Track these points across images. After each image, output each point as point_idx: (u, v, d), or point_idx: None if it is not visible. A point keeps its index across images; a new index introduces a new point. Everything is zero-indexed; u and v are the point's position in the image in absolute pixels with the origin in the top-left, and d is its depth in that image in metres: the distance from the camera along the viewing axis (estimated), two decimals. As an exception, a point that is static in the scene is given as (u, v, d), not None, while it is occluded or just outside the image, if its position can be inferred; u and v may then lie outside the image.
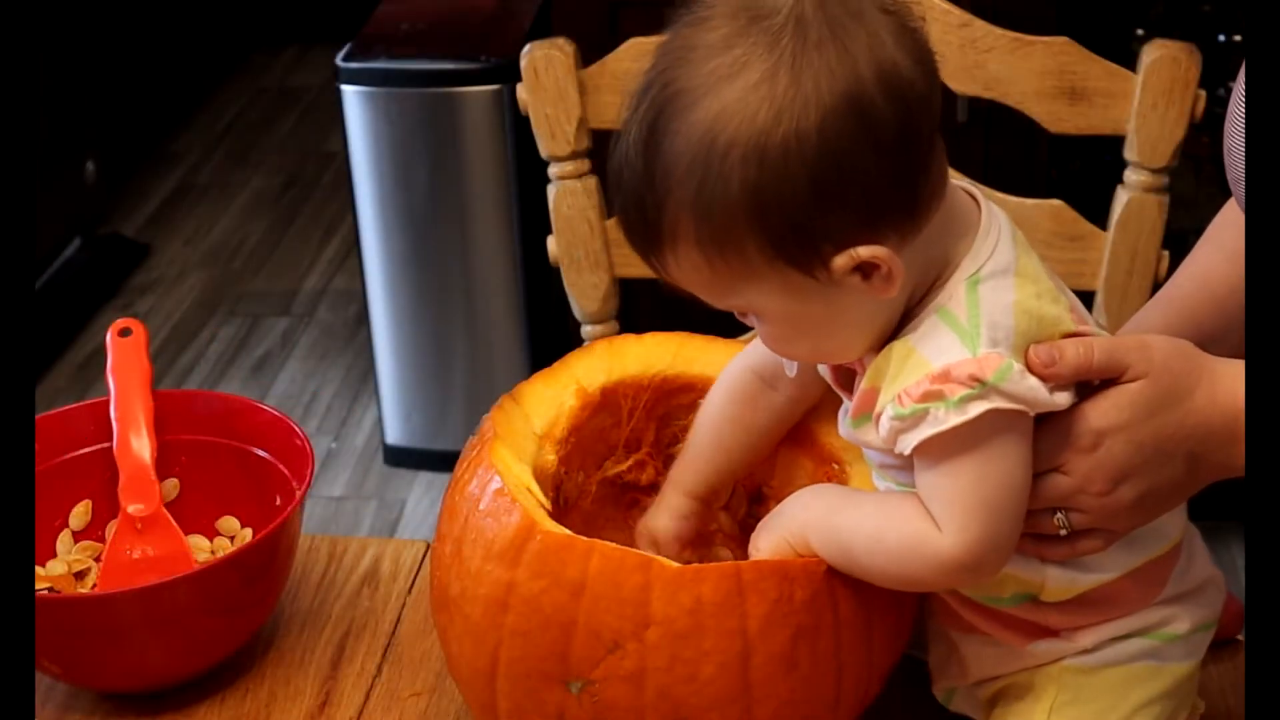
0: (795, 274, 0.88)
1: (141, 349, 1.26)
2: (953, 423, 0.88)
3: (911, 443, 0.89)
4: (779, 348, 0.96)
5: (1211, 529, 1.04)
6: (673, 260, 0.91)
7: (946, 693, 1.05)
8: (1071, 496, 0.92)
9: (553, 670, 0.94)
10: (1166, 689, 0.99)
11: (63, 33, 3.28)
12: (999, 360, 0.88)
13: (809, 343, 0.94)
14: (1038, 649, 0.98)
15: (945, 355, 0.89)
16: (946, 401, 0.88)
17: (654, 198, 0.88)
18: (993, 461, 0.89)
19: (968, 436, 0.88)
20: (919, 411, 0.89)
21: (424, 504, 2.77)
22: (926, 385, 0.89)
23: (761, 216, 0.86)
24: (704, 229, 0.87)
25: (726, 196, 0.86)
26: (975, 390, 0.87)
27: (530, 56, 1.47)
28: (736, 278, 0.89)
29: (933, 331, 0.90)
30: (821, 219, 0.86)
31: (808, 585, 0.94)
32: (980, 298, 0.90)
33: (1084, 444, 0.91)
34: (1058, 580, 0.96)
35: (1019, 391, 0.88)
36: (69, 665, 1.14)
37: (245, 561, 1.13)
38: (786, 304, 0.90)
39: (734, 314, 0.95)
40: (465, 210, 2.65)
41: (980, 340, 0.89)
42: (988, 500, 0.89)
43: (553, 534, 0.95)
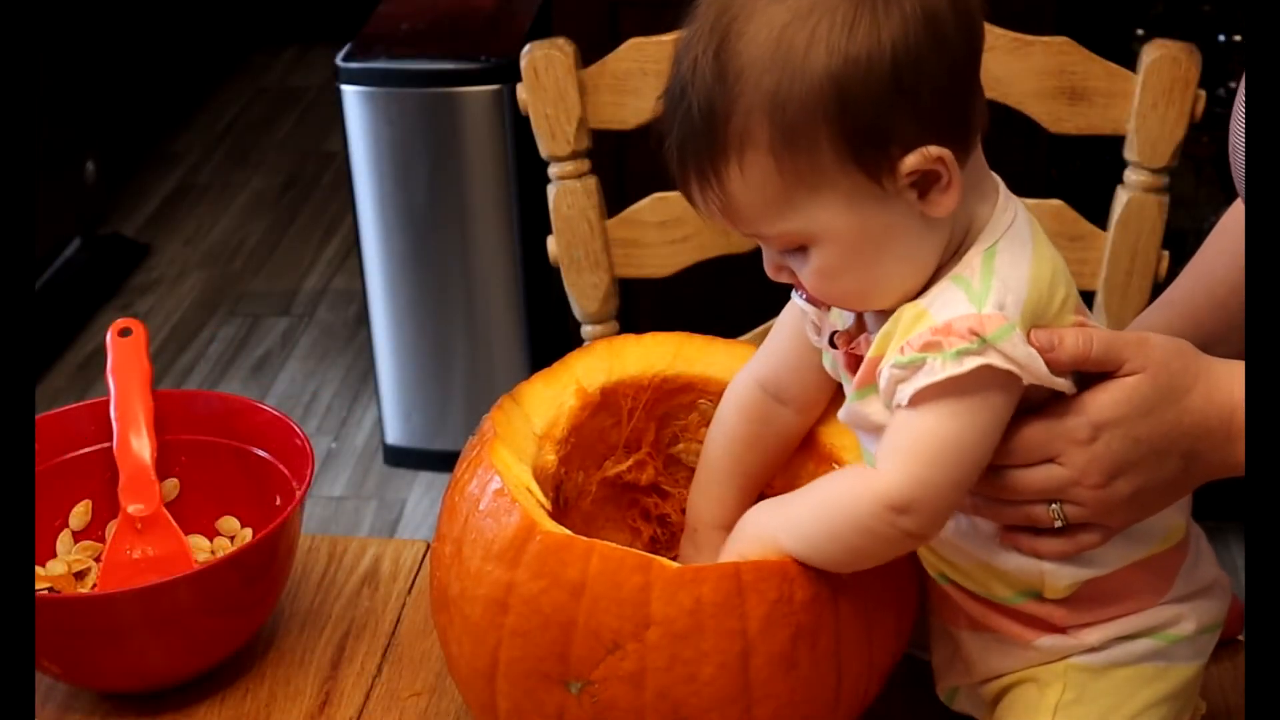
0: (862, 179, 0.89)
1: (141, 349, 1.27)
2: (948, 373, 0.89)
3: (907, 393, 0.90)
4: (824, 283, 0.94)
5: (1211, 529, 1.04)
6: (738, 172, 0.90)
7: (949, 692, 1.05)
8: (1067, 488, 0.92)
9: (552, 670, 0.94)
10: (1172, 690, 0.99)
11: (63, 33, 3.28)
12: (1001, 320, 0.89)
13: (855, 276, 0.92)
14: (1043, 645, 0.98)
15: (951, 311, 0.90)
16: (944, 353, 0.89)
17: (726, 100, 0.88)
18: (962, 416, 0.90)
19: (954, 389, 0.89)
20: (917, 361, 0.90)
21: (424, 504, 2.77)
22: (928, 336, 0.90)
23: (840, 111, 0.87)
24: (779, 128, 0.88)
25: (806, 89, 0.86)
26: (973, 345, 0.88)
27: (530, 56, 1.46)
28: (803, 185, 0.89)
29: (944, 293, 0.92)
30: (896, 118, 0.87)
31: (808, 585, 0.94)
32: (996, 265, 0.91)
33: (1081, 436, 0.91)
34: (1056, 575, 0.96)
35: (1016, 354, 0.89)
36: (69, 665, 1.14)
37: (245, 561, 1.13)
38: (846, 219, 0.90)
39: (769, 270, 0.95)
40: (465, 210, 2.65)
41: (988, 300, 0.90)
42: (935, 448, 0.90)
43: (552, 534, 0.95)
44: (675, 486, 1.14)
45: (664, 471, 1.14)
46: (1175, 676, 0.99)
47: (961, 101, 0.91)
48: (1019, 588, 0.98)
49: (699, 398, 1.12)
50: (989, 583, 0.98)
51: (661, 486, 1.14)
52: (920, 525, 0.91)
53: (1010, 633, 0.99)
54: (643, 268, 1.54)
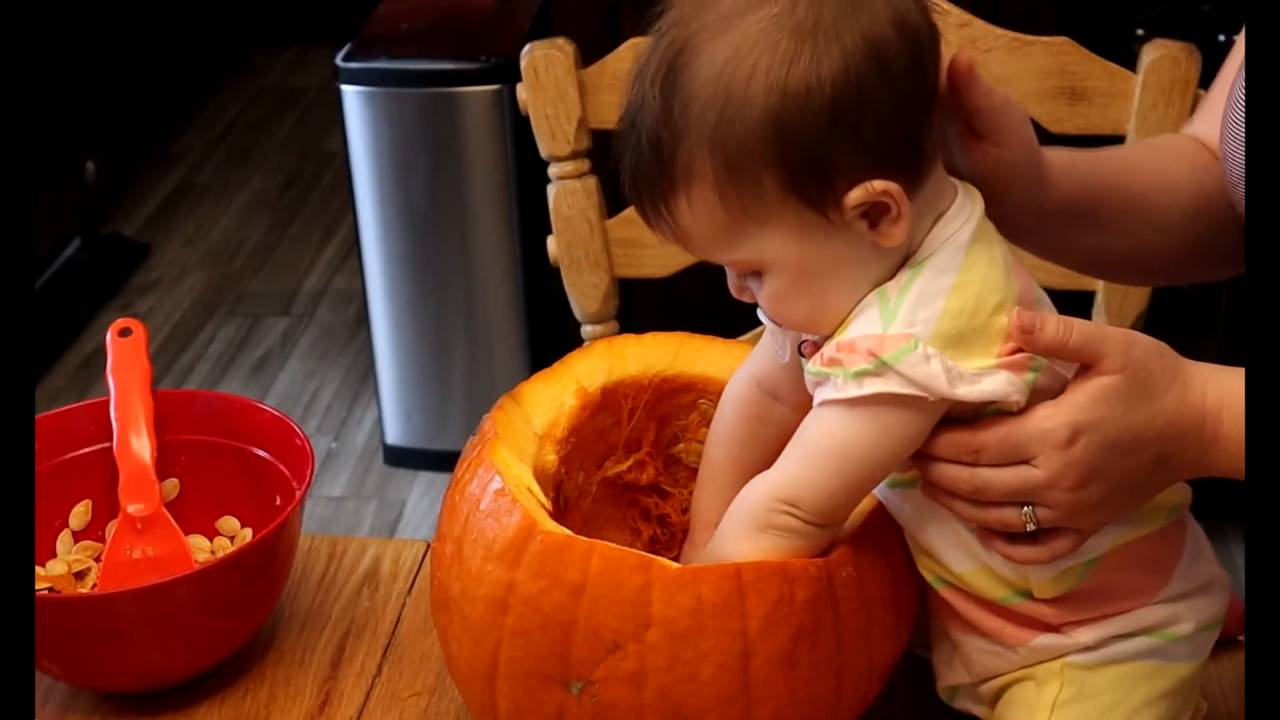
0: (808, 212, 0.89)
1: (141, 349, 1.27)
2: (848, 394, 0.90)
3: (818, 399, 0.92)
4: (778, 308, 0.95)
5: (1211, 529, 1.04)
6: (685, 205, 0.91)
7: (950, 691, 1.05)
8: (1041, 491, 0.91)
9: (553, 670, 0.94)
10: (1171, 688, 0.99)
11: (63, 33, 3.28)
12: (903, 340, 0.89)
13: (807, 303, 0.93)
14: (1038, 645, 0.98)
15: (861, 328, 0.91)
16: (845, 371, 0.90)
17: (671, 134, 0.89)
18: (857, 429, 0.91)
19: (858, 407, 0.90)
20: (823, 374, 0.91)
21: (424, 504, 2.77)
22: (833, 351, 0.91)
23: (780, 147, 0.87)
24: (721, 163, 0.88)
25: (747, 126, 0.87)
26: (871, 366, 0.89)
27: (530, 56, 1.46)
28: (749, 219, 0.90)
29: (866, 308, 0.92)
30: (838, 151, 0.87)
31: (808, 585, 0.94)
32: (916, 281, 0.91)
33: (1058, 439, 0.90)
34: (1039, 572, 0.96)
35: (916, 375, 0.89)
36: (69, 665, 1.14)
37: (245, 561, 1.13)
38: (794, 249, 0.90)
39: (733, 290, 0.96)
40: (465, 210, 2.65)
41: (897, 318, 0.90)
42: (824, 452, 0.92)
43: (553, 534, 0.95)
44: (675, 486, 1.14)
45: (664, 471, 1.14)
46: (1174, 674, 0.99)
47: (910, 132, 0.90)
48: (1011, 587, 0.98)
49: (699, 398, 1.12)
50: (981, 584, 0.98)
51: (661, 486, 1.14)
52: (815, 518, 0.94)
53: (1005, 635, 0.99)
54: (643, 268, 1.54)
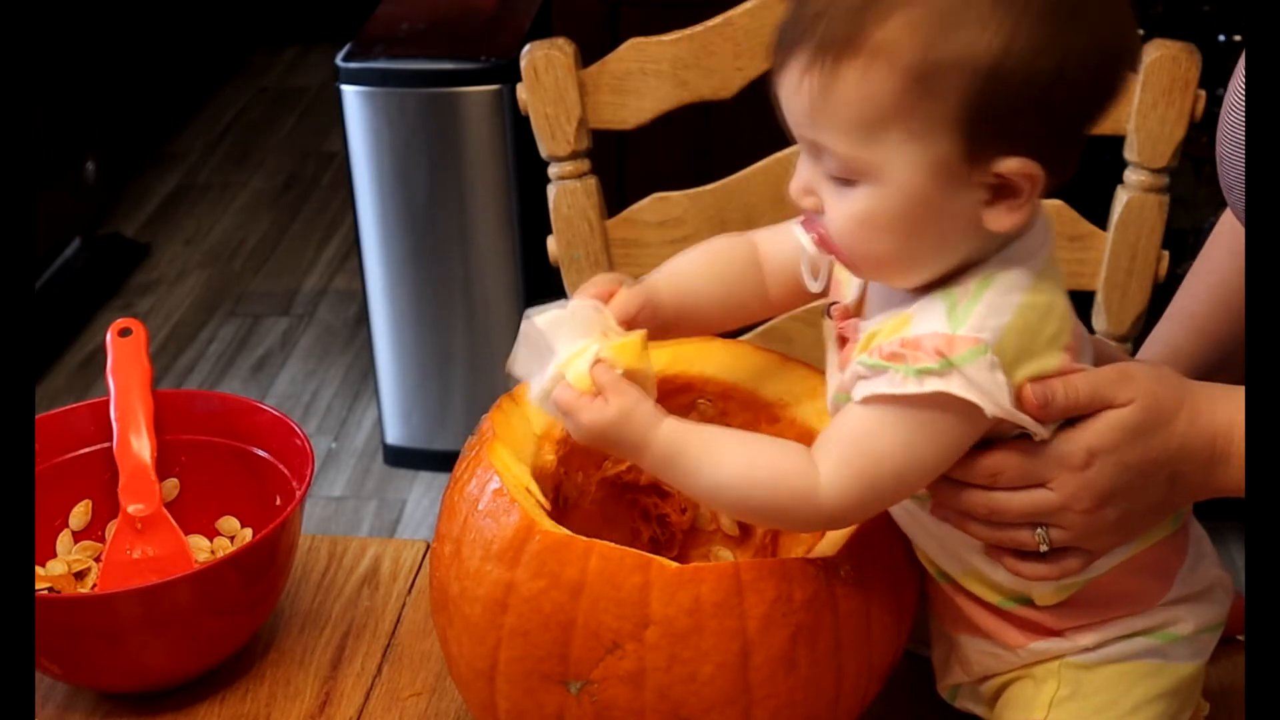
0: (957, 153, 0.86)
1: (141, 349, 1.26)
2: (906, 390, 0.88)
3: (863, 393, 0.89)
4: (854, 231, 0.89)
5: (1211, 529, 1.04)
6: (857, 74, 0.85)
7: (951, 690, 1.05)
8: (1055, 513, 0.92)
9: (552, 670, 0.94)
10: (1170, 687, 0.99)
11: (63, 32, 3.28)
12: (973, 344, 0.88)
13: (891, 238, 0.89)
14: (1037, 648, 0.98)
15: (927, 325, 0.89)
16: (907, 367, 0.88)
17: (891, 5, 0.84)
18: (908, 433, 0.89)
19: (908, 404, 0.88)
20: (881, 367, 0.89)
21: (424, 504, 2.77)
22: (896, 346, 0.89)
23: (983, 85, 0.84)
24: (921, 60, 0.84)
25: (967, 48, 0.83)
26: (936, 366, 0.87)
27: (530, 56, 1.46)
28: (903, 123, 0.85)
29: (930, 305, 0.90)
30: (1026, 119, 0.85)
31: (807, 585, 0.94)
32: (987, 293, 0.90)
33: (1075, 462, 0.91)
34: (1043, 584, 0.96)
35: (981, 381, 0.87)
36: (69, 665, 1.14)
37: (245, 561, 1.13)
38: (918, 177, 0.86)
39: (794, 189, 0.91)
40: (465, 210, 2.65)
41: (967, 322, 0.89)
42: (871, 459, 0.90)
43: (552, 534, 0.95)
44: (675, 487, 1.14)
45: (664, 471, 1.14)
46: (1173, 674, 0.99)
47: (1079, 142, 0.90)
48: (1010, 594, 0.98)
49: (698, 398, 1.12)
50: (981, 587, 0.99)
51: (661, 486, 1.14)
52: (836, 522, 0.94)
53: (1004, 636, 0.99)
54: (642, 267, 1.54)
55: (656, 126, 1.50)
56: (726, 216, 1.51)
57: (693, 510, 1.14)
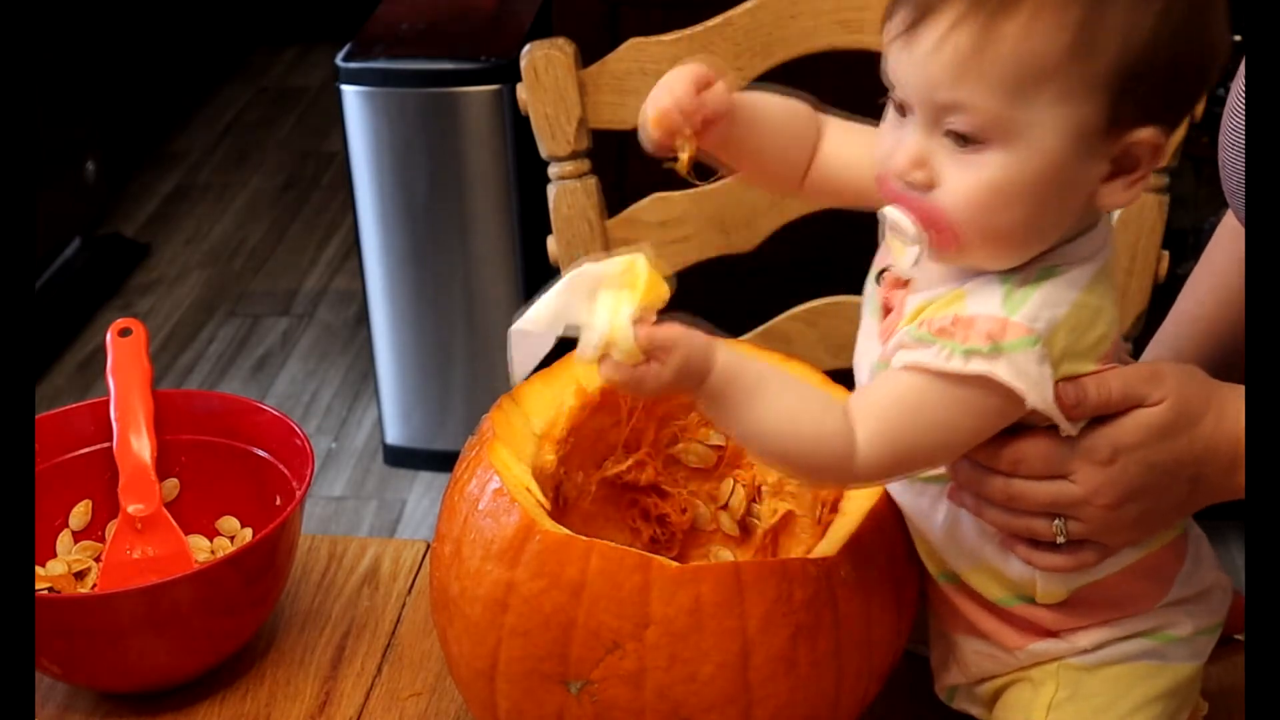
0: (1100, 117, 0.85)
1: (141, 349, 1.27)
2: (949, 367, 0.87)
3: (903, 360, 0.89)
4: (988, 203, 0.87)
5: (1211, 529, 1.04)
6: (1023, 22, 0.83)
7: (949, 691, 1.05)
8: (1076, 506, 0.92)
9: (552, 670, 0.94)
10: (1168, 688, 0.99)
11: (63, 32, 3.28)
12: (1025, 332, 0.87)
13: (1019, 212, 0.87)
14: (1035, 649, 0.98)
15: (982, 306, 0.88)
16: (954, 344, 0.87)
17: None
18: (951, 421, 0.89)
19: (951, 384, 0.88)
20: (928, 340, 0.88)
21: (424, 504, 2.77)
22: (947, 322, 0.88)
23: (1147, 43, 0.83)
24: (1092, 16, 0.83)
25: (1142, 9, 0.83)
26: (986, 349, 0.87)
27: (530, 56, 1.46)
28: (1058, 81, 0.84)
29: (987, 285, 0.89)
30: (1173, 89, 0.86)
31: (807, 585, 0.94)
32: (1045, 283, 0.89)
33: (1101, 457, 0.91)
34: (1049, 581, 0.96)
35: (1027, 370, 0.87)
36: (69, 665, 1.14)
37: (245, 562, 1.13)
38: (1057, 143, 0.85)
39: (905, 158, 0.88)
40: (465, 210, 2.65)
41: (1022, 310, 0.88)
42: (915, 446, 0.89)
43: (552, 534, 0.95)
44: (675, 486, 1.14)
45: (664, 471, 1.14)
46: (1171, 675, 0.99)
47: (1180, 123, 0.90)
48: (1013, 590, 0.98)
49: (699, 398, 1.12)
50: (984, 582, 0.98)
51: (661, 486, 1.14)
52: (860, 483, 0.96)
53: (1002, 637, 0.99)
54: (643, 268, 1.54)
55: (656, 126, 1.50)
56: (726, 216, 1.51)
57: (693, 510, 1.14)
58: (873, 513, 0.99)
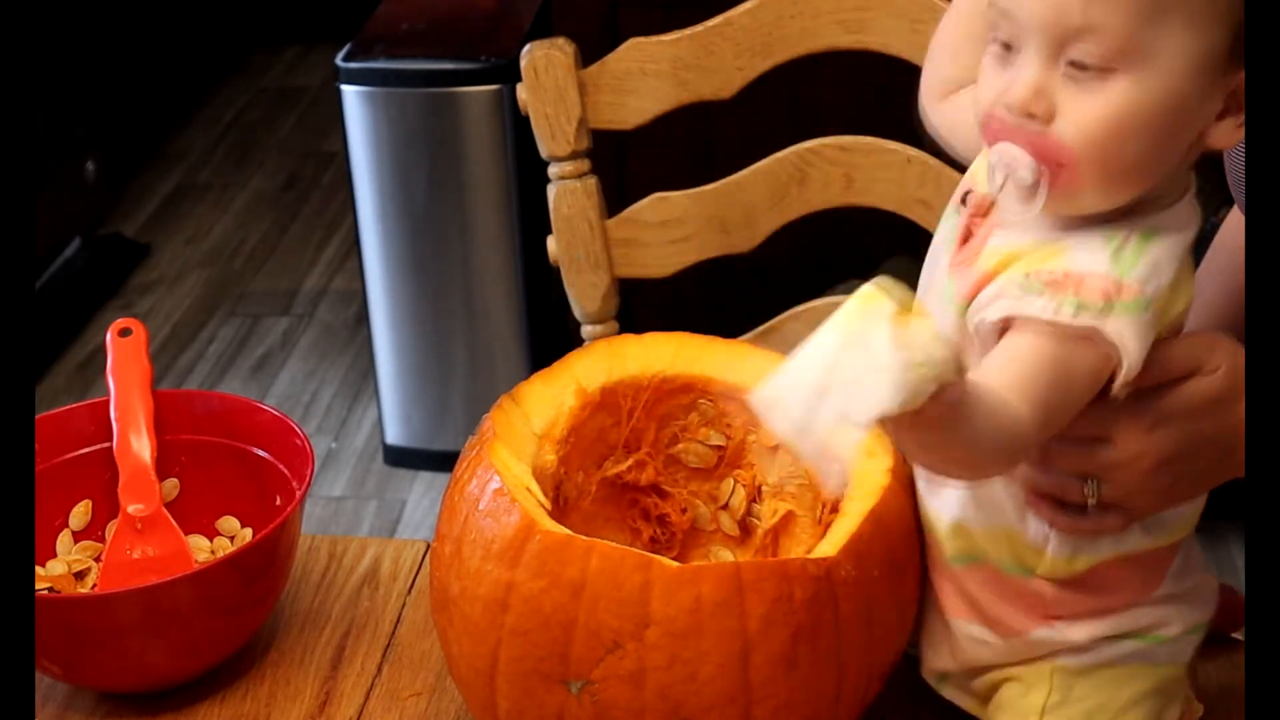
0: (1225, 47, 0.84)
1: (141, 349, 1.27)
2: (1060, 319, 0.85)
3: (1005, 311, 0.87)
4: (1114, 132, 0.85)
5: (1212, 529, 1.04)
6: None
7: (938, 677, 1.05)
8: (1112, 469, 0.91)
9: (552, 670, 0.94)
10: (1155, 686, 1.00)
11: (63, 32, 3.28)
12: (1138, 291, 0.86)
13: (1143, 143, 0.85)
14: (1034, 637, 0.98)
15: (1091, 264, 0.87)
16: (1065, 298, 0.86)
17: None
18: (1070, 376, 0.87)
19: (1059, 338, 0.86)
20: (1036, 290, 0.87)
21: (424, 504, 2.77)
22: (1058, 276, 0.87)
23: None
24: None
25: None
26: (1098, 305, 0.85)
27: (530, 56, 1.46)
28: (1189, 4, 0.83)
29: (1088, 243, 0.88)
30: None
31: (807, 585, 0.94)
32: (1151, 246, 0.88)
33: (1145, 422, 0.90)
34: (1061, 547, 0.96)
35: (1134, 332, 0.85)
36: (69, 665, 1.14)
37: (245, 561, 1.13)
38: (1184, 71, 0.84)
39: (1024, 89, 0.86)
40: (465, 210, 2.66)
41: (1132, 272, 0.87)
42: (1056, 404, 0.87)
43: (552, 534, 0.95)
44: (675, 486, 1.14)
45: (664, 471, 1.14)
46: (1158, 675, 1.00)
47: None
48: (1020, 560, 0.97)
49: (699, 398, 1.12)
50: (998, 548, 0.97)
51: (661, 486, 1.14)
52: None
53: (1003, 621, 0.99)
54: (643, 268, 1.54)
55: (656, 126, 1.50)
56: (726, 216, 1.51)
57: (693, 510, 1.14)
58: (873, 513, 0.99)
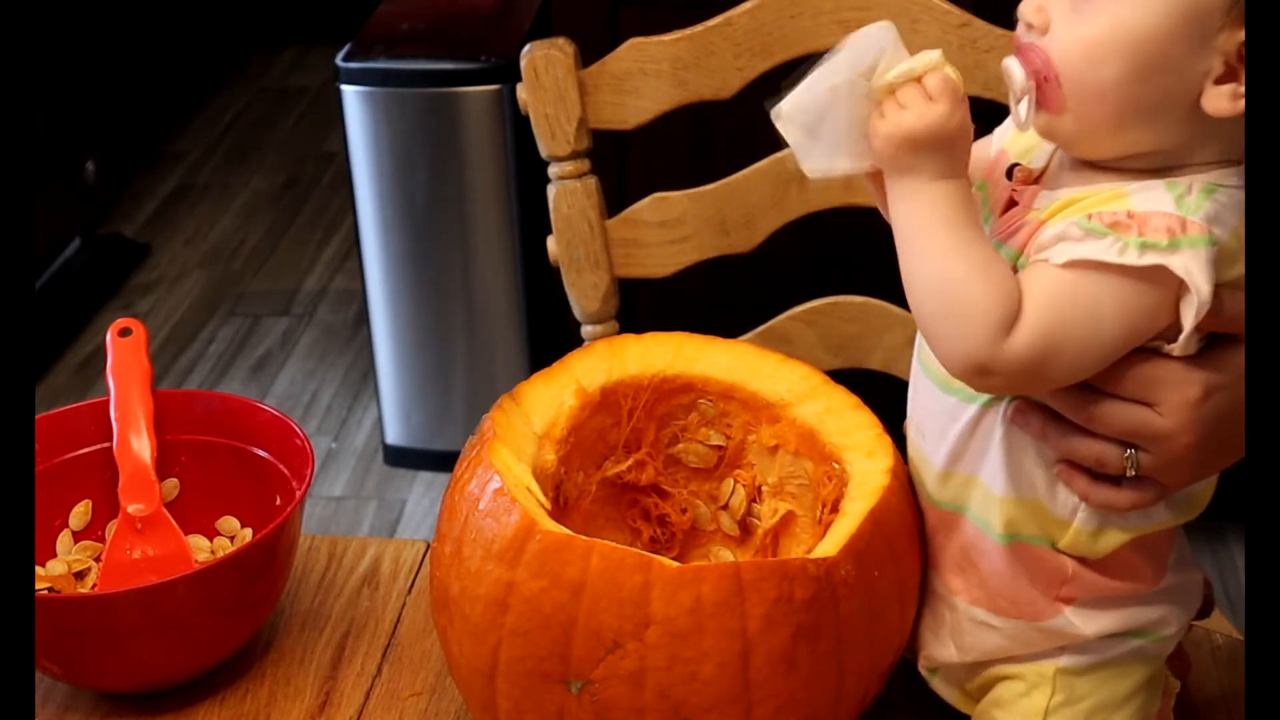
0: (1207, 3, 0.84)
1: (141, 349, 1.27)
2: (1124, 260, 0.85)
3: (1069, 255, 0.86)
4: (1089, 53, 0.86)
5: (1212, 529, 1.05)
6: None
7: (931, 669, 1.05)
8: (1156, 440, 0.89)
9: (553, 670, 0.94)
10: (1145, 679, 1.01)
11: (63, 32, 3.28)
12: (1204, 230, 0.85)
13: (1116, 71, 0.86)
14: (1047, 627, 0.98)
15: (1154, 205, 0.86)
16: (1129, 238, 0.85)
17: None
18: (1106, 318, 0.86)
19: (1119, 277, 0.85)
20: (1097, 231, 0.86)
21: (424, 504, 2.77)
22: (1121, 217, 0.86)
23: None
24: None
25: None
26: (1162, 243, 0.85)
27: (530, 56, 1.46)
28: None
29: (1150, 189, 0.88)
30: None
31: (808, 584, 0.94)
32: (1214, 195, 0.87)
33: (1193, 393, 0.89)
34: (1086, 523, 0.95)
35: (1202, 267, 0.84)
36: (69, 665, 1.14)
37: (245, 562, 1.13)
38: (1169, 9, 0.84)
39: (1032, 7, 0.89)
40: (465, 210, 2.66)
41: (1199, 212, 0.86)
42: (1064, 342, 0.86)
43: (552, 534, 0.95)
44: (675, 486, 1.14)
45: (664, 471, 1.14)
46: (1149, 667, 1.01)
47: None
48: (1044, 532, 0.97)
49: (699, 398, 1.12)
50: (1024, 515, 0.97)
51: (661, 487, 1.14)
52: (997, 374, 0.88)
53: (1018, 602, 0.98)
54: (642, 268, 1.54)
55: (656, 126, 1.50)
56: (726, 216, 1.51)
57: (693, 510, 1.15)
58: (873, 513, 0.99)
